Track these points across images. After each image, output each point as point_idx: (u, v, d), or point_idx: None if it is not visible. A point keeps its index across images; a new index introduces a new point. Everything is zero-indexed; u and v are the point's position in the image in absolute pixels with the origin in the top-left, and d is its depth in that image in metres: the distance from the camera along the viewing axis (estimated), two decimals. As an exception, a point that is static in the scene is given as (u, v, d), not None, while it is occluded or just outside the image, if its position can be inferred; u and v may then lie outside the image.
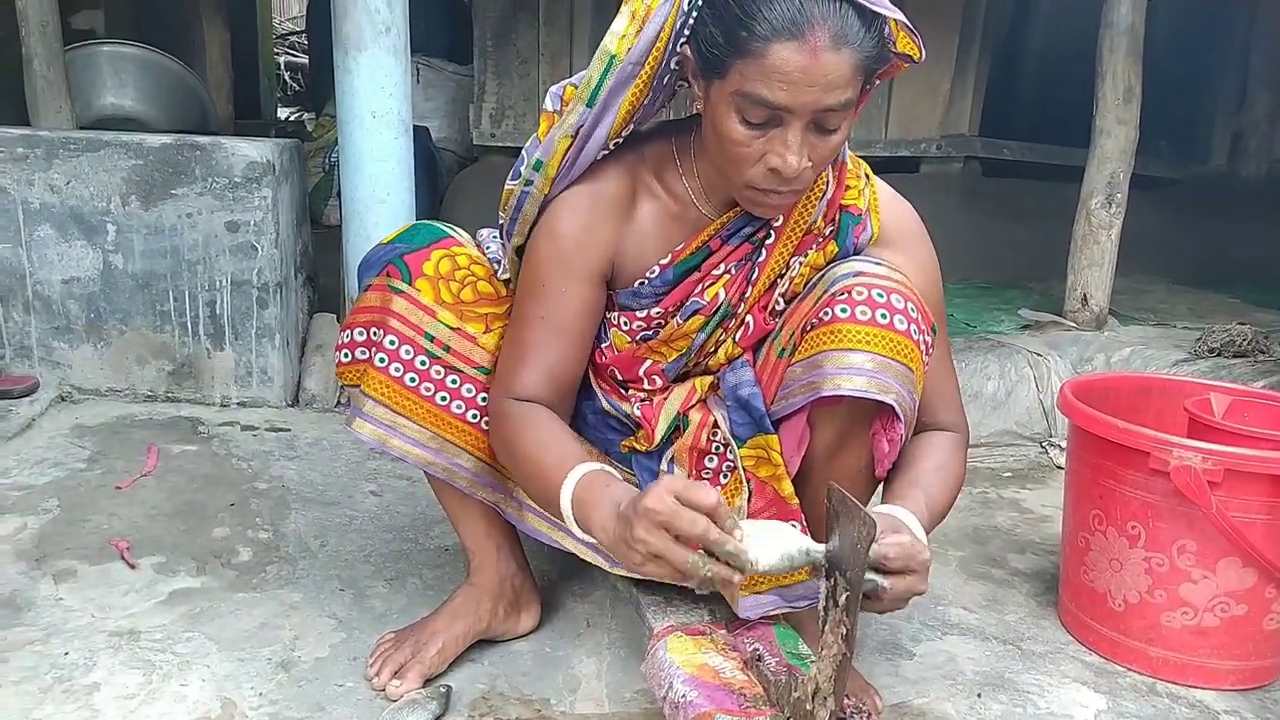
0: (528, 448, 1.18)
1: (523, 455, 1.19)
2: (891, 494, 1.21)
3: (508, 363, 1.26)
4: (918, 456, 1.24)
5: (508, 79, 3.55)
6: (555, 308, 1.24)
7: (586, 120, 1.18)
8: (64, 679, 1.31)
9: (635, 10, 1.14)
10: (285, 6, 9.44)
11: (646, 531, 0.95)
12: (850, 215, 1.26)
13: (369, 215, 2.32)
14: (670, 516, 0.93)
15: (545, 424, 1.20)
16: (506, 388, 1.25)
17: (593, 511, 1.05)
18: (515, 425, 1.21)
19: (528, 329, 1.25)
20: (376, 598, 1.57)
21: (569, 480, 1.09)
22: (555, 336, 1.24)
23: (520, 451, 1.19)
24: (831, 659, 1.00)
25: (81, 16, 3.90)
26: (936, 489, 1.20)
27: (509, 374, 1.25)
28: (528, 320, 1.25)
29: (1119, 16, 2.68)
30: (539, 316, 1.24)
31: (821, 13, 1.02)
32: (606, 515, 1.03)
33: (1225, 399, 1.68)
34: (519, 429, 1.20)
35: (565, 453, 1.15)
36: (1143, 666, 1.50)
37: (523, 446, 1.19)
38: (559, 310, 1.24)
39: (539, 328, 1.24)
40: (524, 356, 1.24)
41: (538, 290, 1.24)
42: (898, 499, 1.17)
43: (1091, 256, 2.80)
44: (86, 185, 2.28)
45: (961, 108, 3.85)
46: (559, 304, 1.24)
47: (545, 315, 1.24)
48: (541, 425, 1.20)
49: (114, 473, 1.98)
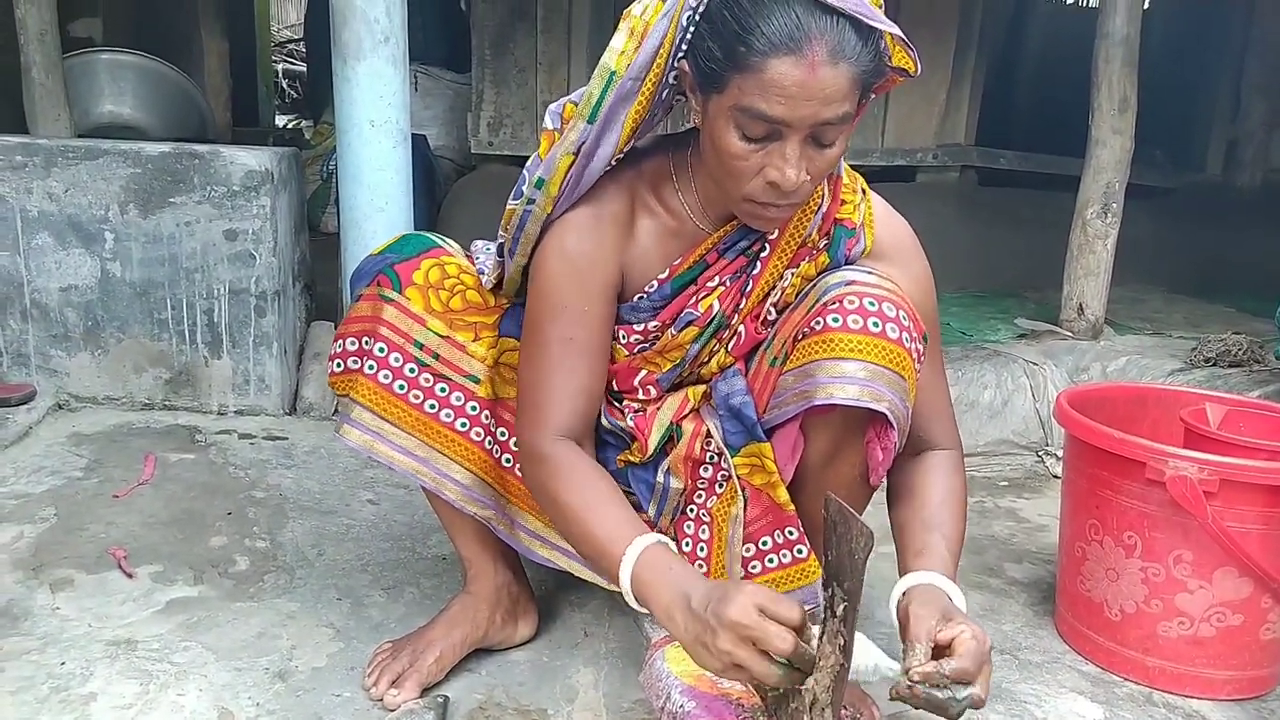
0: (577, 507, 1.16)
1: (571, 515, 1.17)
2: (910, 545, 1.20)
3: (538, 391, 1.23)
4: (922, 488, 1.25)
5: (505, 88, 3.56)
6: (580, 328, 1.22)
7: (588, 137, 1.18)
8: (61, 689, 1.31)
9: (634, 27, 1.14)
10: (283, 14, 9.46)
11: (732, 645, 0.96)
12: (844, 228, 1.27)
13: (367, 224, 2.33)
14: (759, 633, 0.95)
15: (593, 480, 1.18)
16: (542, 422, 1.21)
17: (655, 594, 1.06)
18: (560, 477, 1.19)
19: (553, 353, 1.22)
20: (374, 607, 1.57)
21: (628, 557, 1.09)
22: (583, 357, 1.23)
23: (567, 511, 1.17)
24: (829, 670, 1.00)
25: (80, 24, 3.90)
26: (950, 525, 1.20)
27: (542, 406, 1.22)
28: (551, 344, 1.22)
29: (1114, 27, 2.69)
30: (566, 339, 1.22)
31: (819, 27, 1.02)
32: (672, 601, 1.04)
33: (1221, 409, 1.69)
34: (565, 483, 1.18)
35: (620, 517, 1.14)
36: (1139, 676, 1.50)
37: (571, 505, 1.17)
38: (583, 330, 1.22)
39: (566, 350, 1.22)
40: (554, 384, 1.22)
41: (558, 313, 1.22)
42: (919, 554, 1.17)
43: (1087, 266, 2.81)
44: (85, 193, 2.28)
45: (957, 117, 3.87)
46: (583, 323, 1.22)
47: (572, 336, 1.22)
48: (589, 482, 1.18)
49: (111, 481, 1.98)
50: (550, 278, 1.23)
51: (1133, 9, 2.70)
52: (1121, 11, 2.68)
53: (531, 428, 1.23)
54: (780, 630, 0.95)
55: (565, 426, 1.22)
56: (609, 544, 1.11)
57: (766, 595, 0.97)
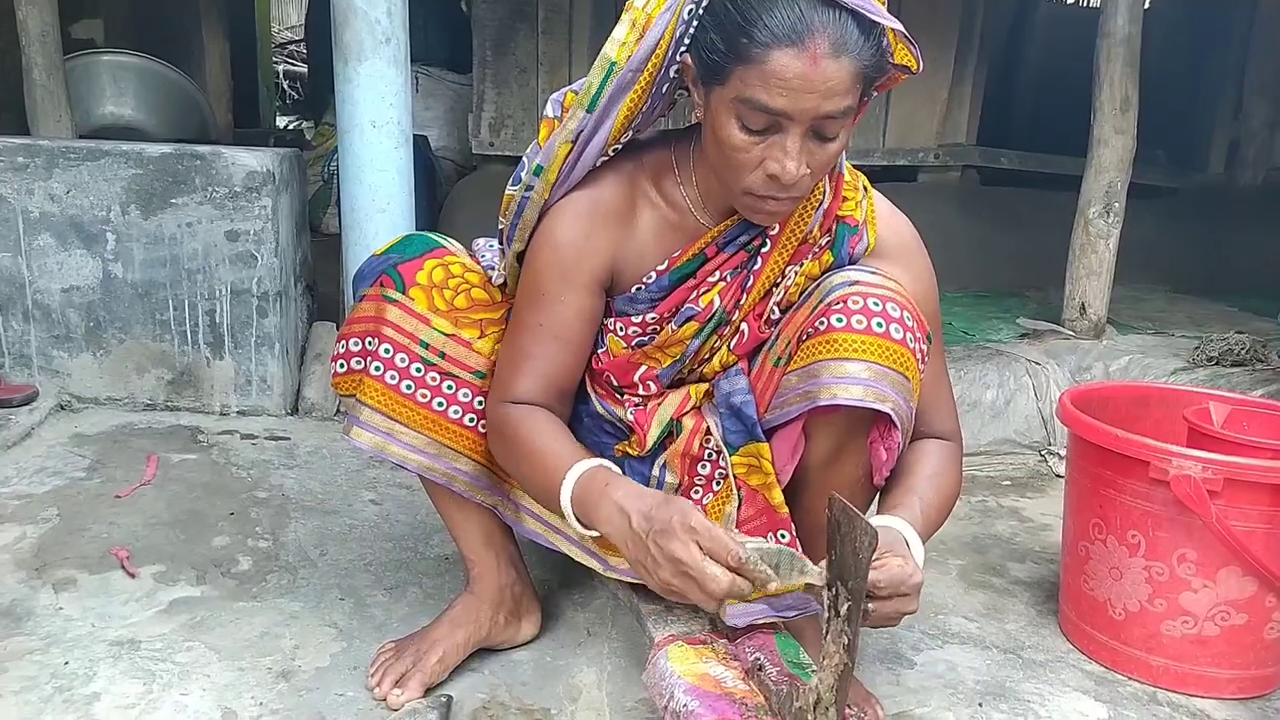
0: (525, 446, 1.21)
1: (521, 454, 1.22)
2: (887, 502, 1.22)
3: (505, 369, 1.28)
4: (913, 464, 1.26)
5: (506, 88, 3.56)
6: (554, 315, 1.25)
7: (586, 125, 1.19)
8: (64, 689, 1.31)
9: (636, 19, 1.15)
10: (284, 15, 9.46)
11: (672, 576, 1.00)
12: (846, 226, 1.27)
13: (369, 225, 2.33)
14: (696, 573, 0.99)
15: (542, 423, 1.23)
16: (504, 393, 1.26)
17: (596, 511, 1.10)
18: (512, 426, 1.23)
19: (526, 336, 1.26)
20: (376, 606, 1.57)
21: (569, 478, 1.13)
22: (553, 344, 1.26)
23: (518, 450, 1.22)
24: (833, 669, 1.00)
25: (81, 26, 3.91)
26: (932, 495, 1.21)
27: (506, 380, 1.27)
28: (526, 327, 1.26)
29: (1116, 26, 2.69)
30: (537, 324, 1.25)
31: (822, 20, 1.03)
32: (611, 517, 1.08)
33: (1224, 408, 1.68)
34: (516, 429, 1.23)
35: (563, 450, 1.18)
36: (1143, 675, 1.50)
37: (520, 446, 1.22)
38: (557, 318, 1.25)
39: (537, 335, 1.25)
40: (521, 363, 1.26)
41: (537, 298, 1.26)
42: (893, 507, 1.18)
43: (1089, 265, 2.81)
44: (86, 194, 2.28)
45: (959, 117, 3.87)
46: (558, 312, 1.25)
47: (544, 323, 1.25)
48: (539, 425, 1.22)
49: (113, 481, 1.98)
50: (537, 264, 1.26)
51: (1134, 8, 2.70)
52: (1123, 10, 2.68)
53: (493, 398, 1.29)
54: (717, 571, 0.98)
55: (525, 400, 1.25)
56: (552, 473, 1.16)
57: (705, 532, 0.99)
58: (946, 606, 1.69)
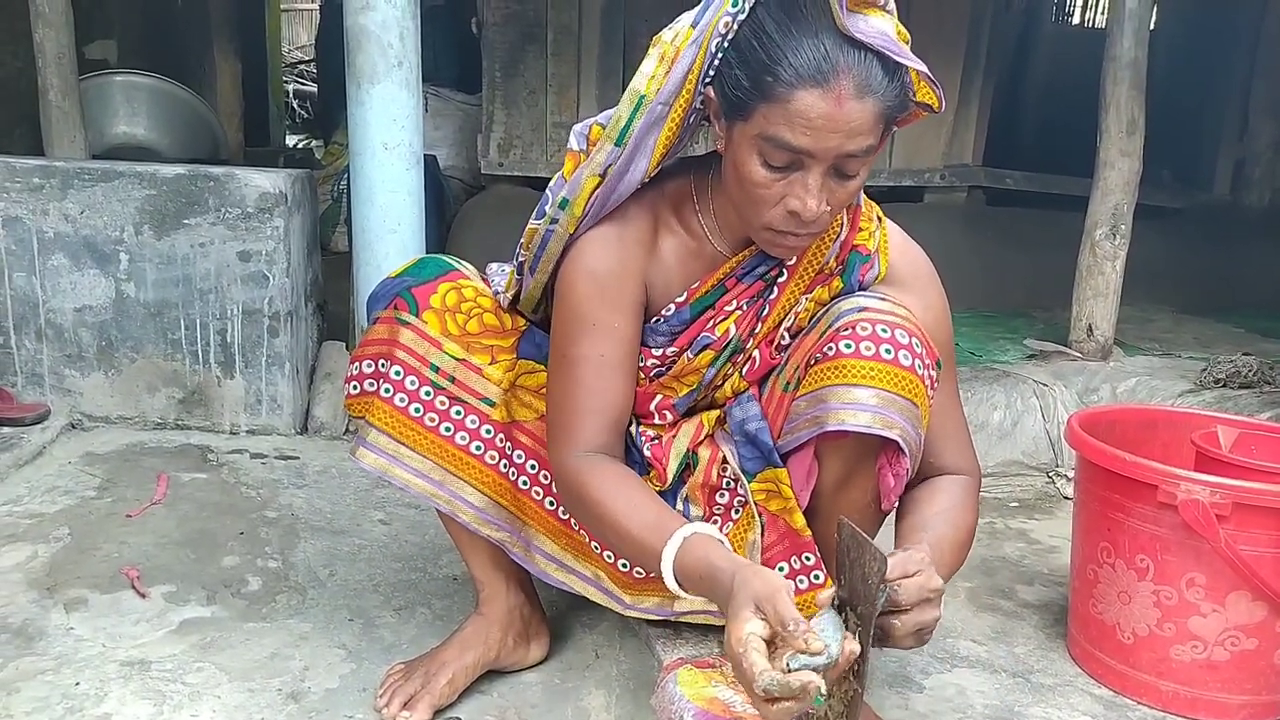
0: (611, 509, 1.16)
1: (606, 516, 1.16)
2: (898, 540, 1.21)
3: (567, 413, 1.22)
4: (924, 500, 1.24)
5: (516, 109, 3.58)
6: (609, 344, 1.23)
7: (617, 160, 1.19)
8: (75, 709, 1.32)
9: (664, 53, 1.16)
10: (294, 35, 9.55)
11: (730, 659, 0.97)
12: (858, 254, 1.28)
13: (380, 246, 2.34)
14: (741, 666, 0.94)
15: (623, 479, 1.18)
16: (573, 442, 1.21)
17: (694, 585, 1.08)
18: (593, 489, 1.18)
19: (584, 370, 1.22)
20: (385, 628, 1.58)
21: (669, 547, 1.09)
22: (612, 373, 1.23)
23: (602, 512, 1.17)
24: (843, 695, 1.00)
25: (95, 47, 3.95)
26: (943, 529, 1.19)
27: (572, 425, 1.22)
28: (580, 361, 1.22)
29: (1122, 50, 2.71)
30: (596, 355, 1.22)
31: (847, 61, 1.03)
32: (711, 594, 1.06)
33: (1233, 432, 1.68)
34: (597, 489, 1.17)
35: (657, 512, 1.15)
36: (1152, 700, 1.49)
37: (605, 507, 1.16)
38: (612, 346, 1.23)
39: (595, 367, 1.22)
40: (584, 401, 1.22)
41: (587, 329, 1.22)
42: (901, 545, 1.17)
43: (1096, 287, 2.81)
44: (100, 215, 2.30)
45: (965, 138, 3.89)
46: (612, 339, 1.23)
47: (603, 353, 1.22)
48: (620, 482, 1.18)
49: (124, 501, 1.99)
50: (578, 296, 1.23)
51: (1140, 31, 2.71)
52: (1129, 34, 2.70)
53: (562, 447, 1.22)
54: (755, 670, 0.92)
55: (595, 443, 1.21)
56: (649, 536, 1.11)
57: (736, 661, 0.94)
58: (955, 630, 1.69)
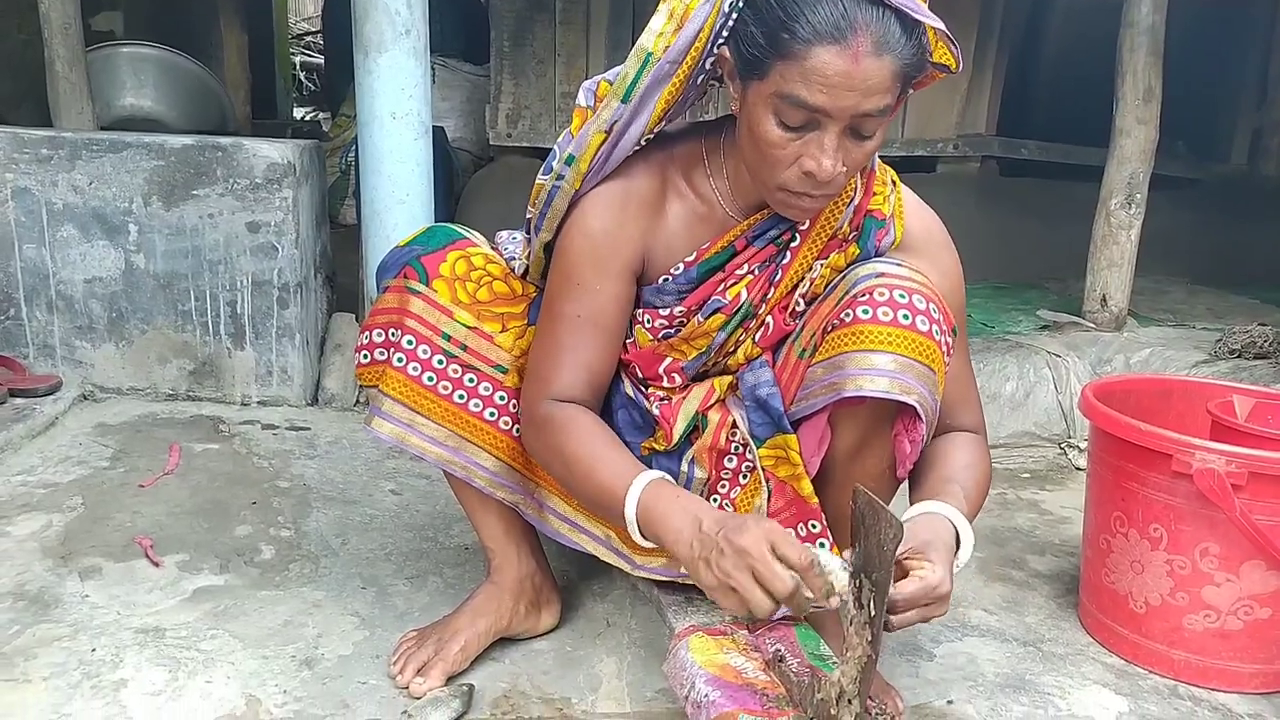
0: (576, 453, 1.19)
1: (571, 461, 1.19)
2: (925, 490, 1.22)
3: (543, 363, 1.26)
4: (948, 453, 1.25)
5: (524, 79, 3.55)
6: (592, 305, 1.24)
7: (622, 116, 1.19)
8: (92, 675, 1.33)
9: (674, 9, 1.15)
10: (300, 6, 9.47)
11: (734, 568, 0.99)
12: (874, 219, 1.27)
13: (388, 216, 2.33)
14: (763, 567, 0.98)
15: (593, 429, 1.21)
16: (544, 389, 1.24)
17: (664, 520, 1.08)
18: (559, 430, 1.21)
19: (563, 327, 1.25)
20: (398, 596, 1.58)
21: (634, 487, 1.12)
22: (592, 333, 1.24)
23: (567, 457, 1.20)
24: (856, 661, 1.00)
25: (101, 18, 3.93)
26: (970, 484, 1.21)
27: (546, 374, 1.25)
28: (563, 318, 1.25)
29: (1139, 16, 2.66)
30: (575, 314, 1.24)
31: (865, 18, 1.02)
32: (682, 525, 1.07)
33: (1249, 401, 1.67)
34: (564, 434, 1.20)
35: (623, 459, 1.17)
36: (1164, 669, 1.49)
37: (570, 452, 1.19)
38: (595, 307, 1.24)
39: (576, 325, 1.24)
40: (561, 355, 1.24)
41: (572, 288, 1.24)
42: (935, 495, 1.18)
43: (1111, 257, 2.79)
44: (109, 186, 2.29)
45: (979, 107, 3.84)
46: (595, 301, 1.24)
47: (582, 313, 1.24)
48: (589, 431, 1.20)
49: (137, 471, 2.00)
50: (570, 254, 1.25)
51: (1158, -3, 2.67)
52: (1147, 0, 2.66)
53: (533, 395, 1.25)
54: (784, 572, 0.97)
55: (568, 395, 1.24)
56: (613, 483, 1.14)
57: (780, 534, 1.00)
58: (966, 599, 1.69)
